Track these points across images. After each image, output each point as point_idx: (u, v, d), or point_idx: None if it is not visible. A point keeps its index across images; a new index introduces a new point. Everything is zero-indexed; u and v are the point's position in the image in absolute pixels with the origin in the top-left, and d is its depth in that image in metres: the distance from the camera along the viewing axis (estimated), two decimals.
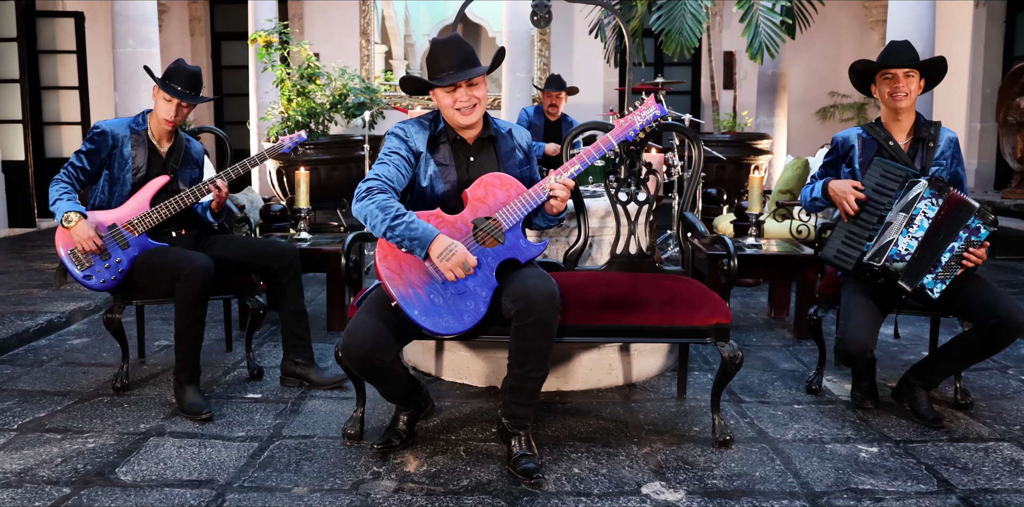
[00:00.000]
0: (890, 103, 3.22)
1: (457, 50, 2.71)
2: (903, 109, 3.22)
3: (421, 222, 2.55)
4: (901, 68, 3.18)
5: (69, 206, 3.35)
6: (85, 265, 3.34)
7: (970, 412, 3.29)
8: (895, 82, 3.20)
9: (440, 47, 2.74)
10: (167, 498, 2.51)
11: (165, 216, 3.43)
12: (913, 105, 3.26)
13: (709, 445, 2.94)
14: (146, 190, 3.48)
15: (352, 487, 2.59)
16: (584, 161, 2.73)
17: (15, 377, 3.77)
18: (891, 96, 3.21)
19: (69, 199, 3.38)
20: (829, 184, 3.23)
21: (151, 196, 3.47)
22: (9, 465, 2.76)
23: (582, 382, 3.59)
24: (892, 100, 3.21)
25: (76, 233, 3.30)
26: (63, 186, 3.40)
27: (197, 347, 3.29)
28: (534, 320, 2.52)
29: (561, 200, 2.72)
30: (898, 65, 3.18)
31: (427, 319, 2.54)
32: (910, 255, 2.99)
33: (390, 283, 2.54)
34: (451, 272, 2.54)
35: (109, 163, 3.45)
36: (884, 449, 2.91)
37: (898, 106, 3.20)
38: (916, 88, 3.22)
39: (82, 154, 3.43)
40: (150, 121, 3.54)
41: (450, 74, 2.70)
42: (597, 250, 3.70)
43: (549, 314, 2.53)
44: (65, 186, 3.40)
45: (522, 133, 2.95)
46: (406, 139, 2.79)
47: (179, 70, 3.49)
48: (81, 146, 3.46)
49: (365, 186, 2.64)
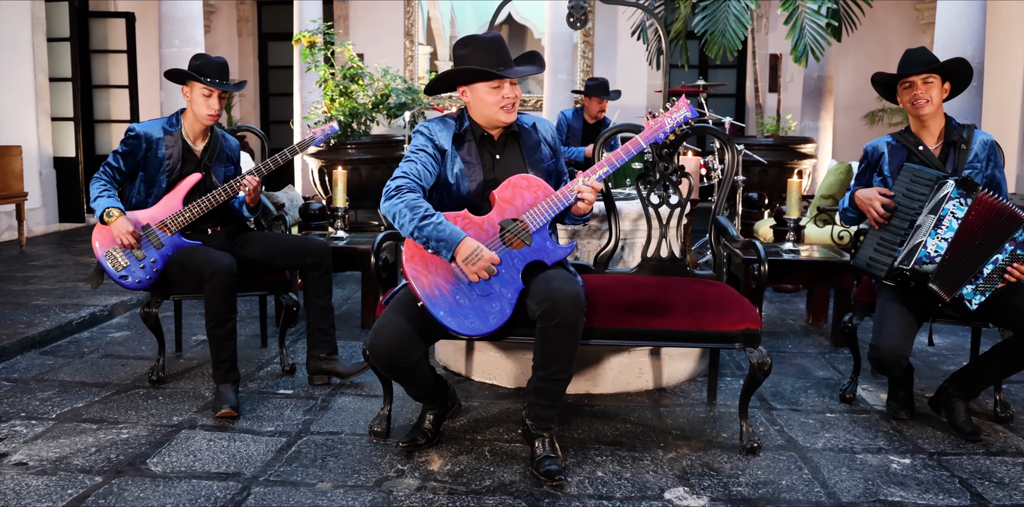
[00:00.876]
0: (913, 111, 3.18)
1: (503, 48, 2.72)
2: (927, 116, 3.17)
3: (449, 224, 2.56)
4: (918, 75, 3.13)
5: (109, 202, 3.42)
6: (121, 265, 3.41)
7: (1010, 425, 3.21)
8: (914, 90, 3.16)
9: (486, 44, 2.72)
10: (194, 489, 2.55)
11: (198, 215, 3.48)
12: (939, 110, 3.22)
13: (736, 452, 2.91)
14: (179, 189, 3.52)
15: (375, 484, 2.61)
16: (613, 163, 2.72)
17: (57, 368, 3.86)
18: (912, 104, 3.17)
19: (109, 196, 3.46)
20: (856, 193, 3.19)
21: (184, 195, 3.51)
22: (45, 453, 2.83)
23: (611, 385, 3.58)
24: (914, 108, 3.17)
25: (116, 228, 3.37)
26: (103, 184, 3.48)
27: (227, 346, 3.33)
28: (558, 322, 2.51)
29: (588, 203, 2.71)
30: (914, 73, 3.14)
31: (452, 320, 2.55)
32: (939, 257, 2.93)
33: (416, 283, 2.55)
34: (474, 275, 2.55)
35: (144, 165, 3.50)
36: (917, 461, 2.85)
37: (921, 114, 3.16)
38: (939, 93, 3.17)
39: (118, 155, 3.50)
40: (184, 120, 3.57)
41: (506, 69, 2.70)
42: (629, 253, 3.68)
43: (573, 316, 2.52)
44: (104, 184, 3.47)
45: (546, 126, 2.95)
46: (431, 137, 2.80)
47: (207, 63, 3.51)
48: (118, 147, 3.53)
49: (394, 184, 2.66)
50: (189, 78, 3.48)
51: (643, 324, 2.82)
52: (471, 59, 2.72)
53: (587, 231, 3.65)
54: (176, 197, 3.52)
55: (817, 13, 7.26)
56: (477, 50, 2.72)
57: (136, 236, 3.38)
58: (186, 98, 3.52)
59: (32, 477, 2.63)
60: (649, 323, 2.82)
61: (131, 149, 3.49)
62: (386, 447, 2.92)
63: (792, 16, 7.33)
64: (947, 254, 2.94)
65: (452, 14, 13.65)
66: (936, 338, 4.46)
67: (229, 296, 3.31)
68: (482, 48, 2.72)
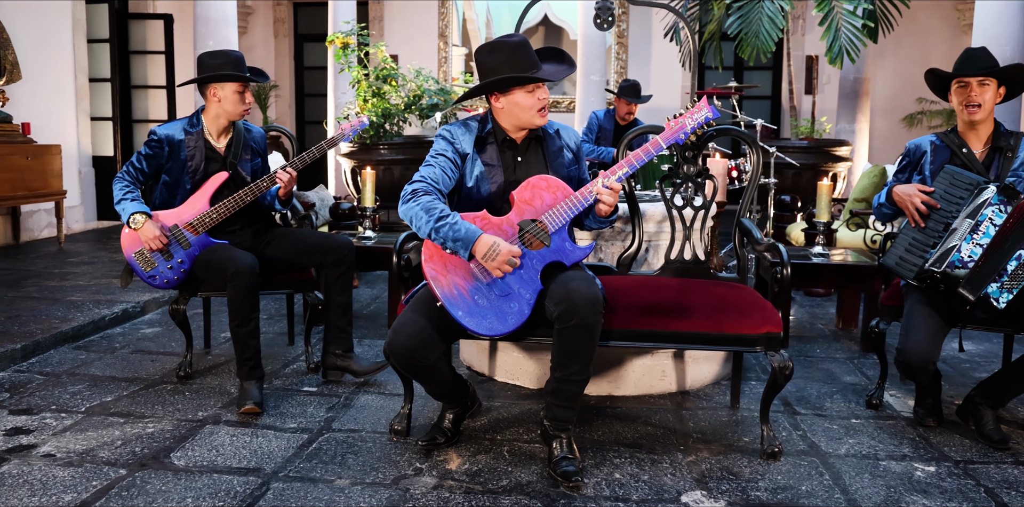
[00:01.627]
0: (963, 114, 3.12)
1: (531, 50, 2.72)
2: (979, 119, 3.11)
3: (464, 223, 2.57)
4: (975, 77, 3.07)
5: (135, 207, 3.46)
6: (150, 265, 3.46)
7: None
8: (968, 91, 3.09)
9: (514, 49, 2.72)
10: (215, 483, 2.59)
11: (224, 215, 3.50)
12: (990, 114, 3.15)
13: (757, 456, 2.88)
14: (205, 188, 3.55)
15: (393, 482, 2.63)
16: (633, 164, 2.71)
17: (88, 362, 3.93)
18: (964, 106, 3.11)
19: (134, 199, 3.49)
20: (894, 189, 3.14)
21: (211, 194, 3.54)
22: (73, 445, 2.88)
23: (634, 387, 3.56)
24: (966, 111, 3.10)
25: (143, 233, 3.40)
26: (125, 185, 3.52)
27: (251, 344, 3.36)
28: (576, 323, 2.51)
29: (609, 204, 2.70)
30: (972, 74, 3.08)
31: (471, 320, 2.56)
32: (973, 262, 2.89)
33: (435, 283, 2.57)
34: (498, 270, 2.55)
35: (168, 168, 3.54)
36: (942, 469, 2.81)
37: (973, 119, 3.10)
38: (992, 97, 3.11)
39: (141, 157, 3.54)
40: (205, 119, 3.59)
41: (542, 72, 2.71)
42: (654, 255, 3.66)
43: (591, 317, 2.52)
44: (127, 185, 3.52)
45: (570, 133, 2.95)
46: (452, 141, 2.81)
47: (228, 59, 3.52)
48: (141, 149, 3.57)
49: (411, 188, 2.67)
50: (222, 80, 3.49)
51: (662, 326, 2.80)
52: (502, 65, 2.71)
53: (611, 233, 3.64)
54: (203, 197, 3.55)
55: (853, 14, 7.18)
56: (507, 56, 2.71)
57: (164, 240, 3.42)
58: (213, 98, 3.52)
59: (59, 468, 2.68)
60: (668, 325, 2.80)
61: (153, 152, 3.53)
62: (406, 445, 2.94)
63: (827, 17, 7.26)
64: (980, 260, 2.89)
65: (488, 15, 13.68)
66: (968, 345, 4.39)
67: (251, 295, 3.34)
68: (512, 53, 2.71)
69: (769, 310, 2.87)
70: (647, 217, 3.57)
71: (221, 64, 3.49)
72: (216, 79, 3.50)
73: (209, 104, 3.56)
